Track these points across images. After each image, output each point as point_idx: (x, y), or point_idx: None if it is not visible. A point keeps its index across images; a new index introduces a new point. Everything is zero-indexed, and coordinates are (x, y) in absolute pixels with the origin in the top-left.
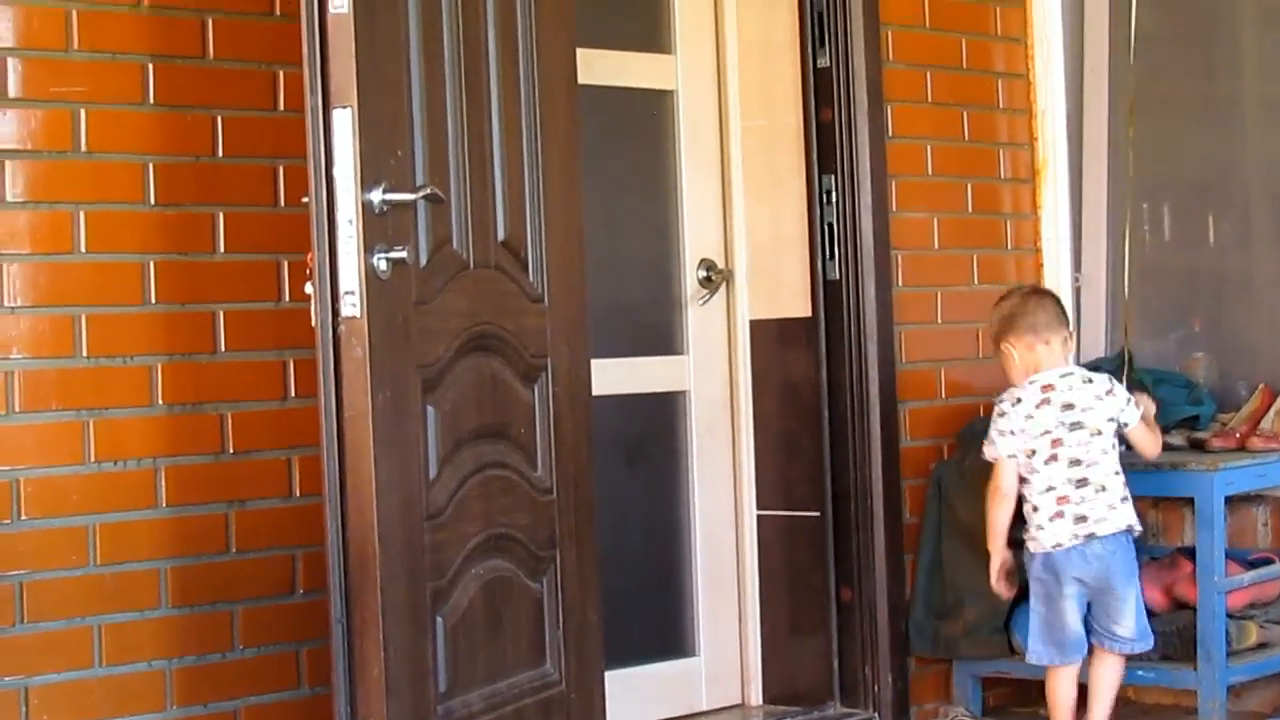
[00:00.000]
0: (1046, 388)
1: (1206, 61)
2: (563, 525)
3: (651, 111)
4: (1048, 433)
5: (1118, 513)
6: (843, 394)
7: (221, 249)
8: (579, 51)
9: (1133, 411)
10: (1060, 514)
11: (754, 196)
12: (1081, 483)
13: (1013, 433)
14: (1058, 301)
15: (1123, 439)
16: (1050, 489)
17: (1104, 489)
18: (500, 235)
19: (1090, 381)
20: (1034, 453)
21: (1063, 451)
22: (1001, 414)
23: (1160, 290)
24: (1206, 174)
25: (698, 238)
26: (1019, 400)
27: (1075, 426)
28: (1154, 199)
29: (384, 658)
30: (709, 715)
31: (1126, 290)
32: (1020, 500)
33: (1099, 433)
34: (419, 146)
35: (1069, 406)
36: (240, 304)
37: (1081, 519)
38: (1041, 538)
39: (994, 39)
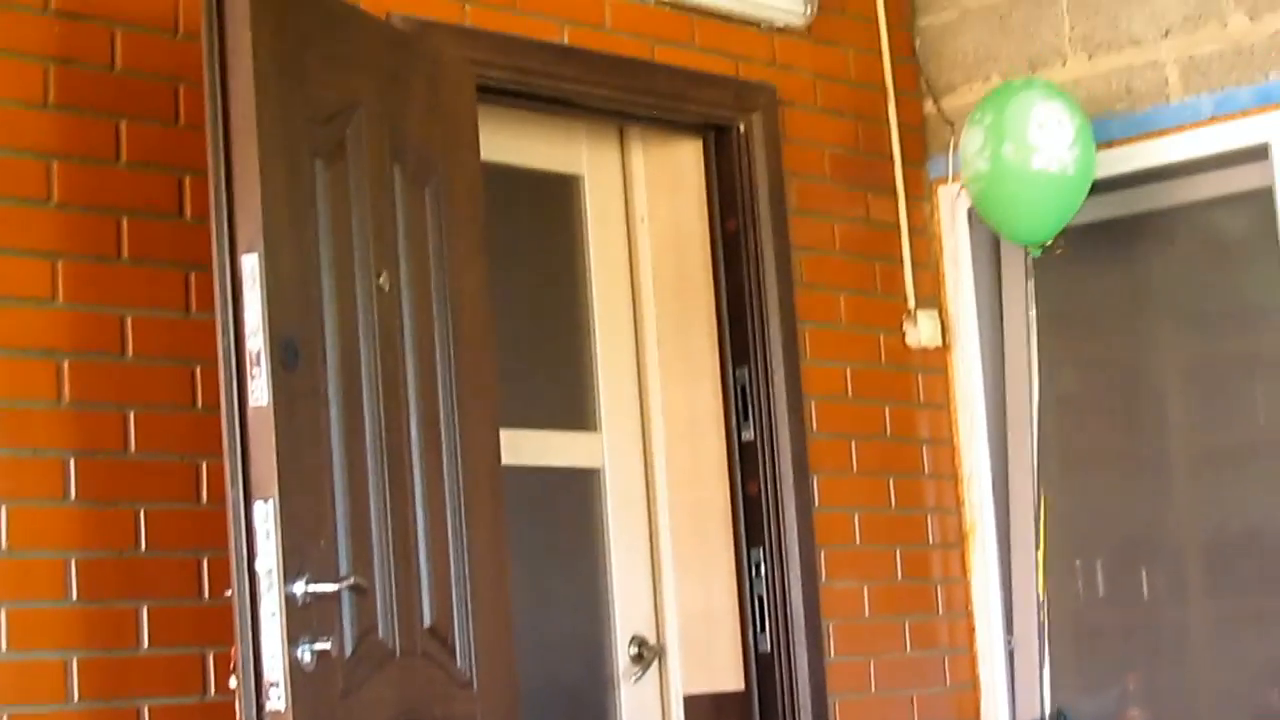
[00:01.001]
0: None
1: (1131, 419)
2: None
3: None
4: None
5: None
6: None
7: (145, 644)
8: (504, 431)
9: None
10: None
11: (683, 570)
12: None
13: None
14: None
15: None
16: None
17: None
18: (427, 622)
19: None
20: None
21: None
22: None
23: (1094, 647)
24: (1137, 529)
25: (628, 613)
26: None
27: None
28: (1086, 556)
29: None
30: None
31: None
32: None
33: None
34: (342, 536)
35: None
36: (165, 699)
37: None
38: None
39: (917, 406)
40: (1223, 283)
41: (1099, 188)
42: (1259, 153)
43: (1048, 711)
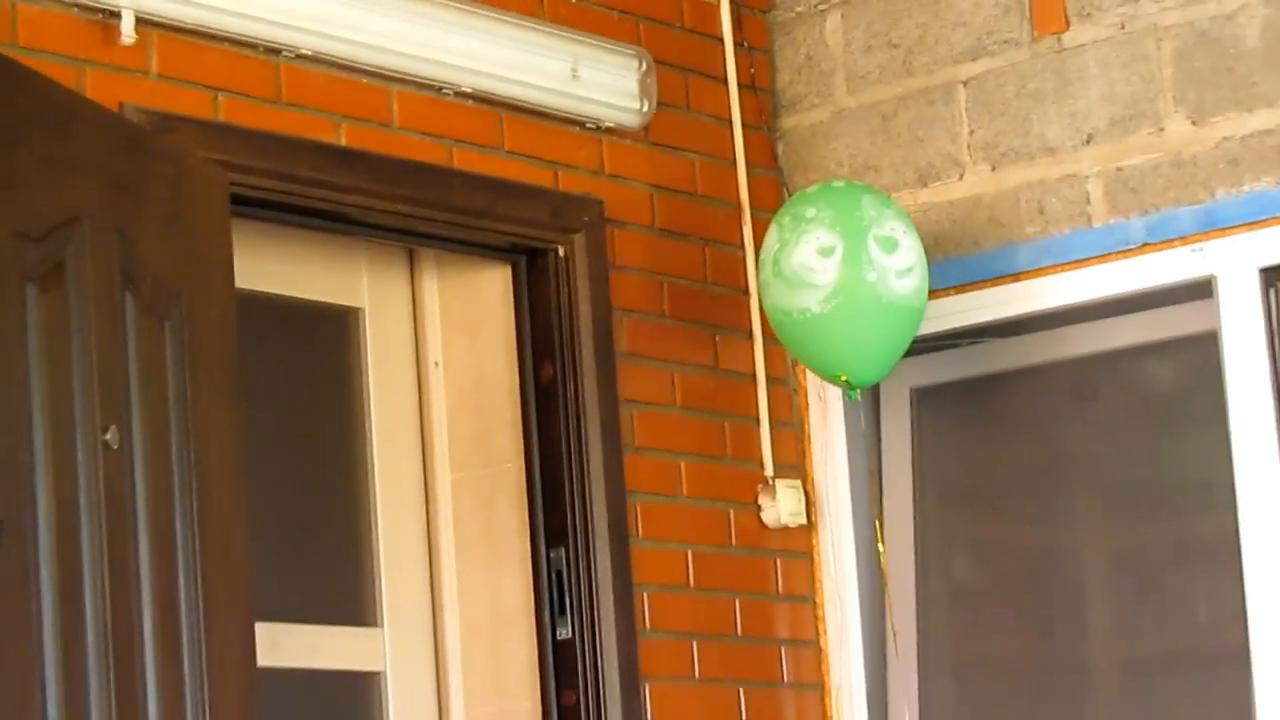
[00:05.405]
0: None
1: (1041, 618)
2: None
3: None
4: None
5: None
6: None
7: None
8: (260, 625)
9: None
10: None
11: None
12: None
13: None
14: None
15: None
16: None
17: None
18: None
19: None
20: None
21: None
22: None
23: None
24: None
25: None
26: None
27: None
28: None
29: None
30: None
31: None
32: None
33: None
34: None
35: None
36: None
37: None
38: None
39: (776, 599)
40: (1154, 449)
41: (1002, 330)
42: (1201, 289)
43: None
